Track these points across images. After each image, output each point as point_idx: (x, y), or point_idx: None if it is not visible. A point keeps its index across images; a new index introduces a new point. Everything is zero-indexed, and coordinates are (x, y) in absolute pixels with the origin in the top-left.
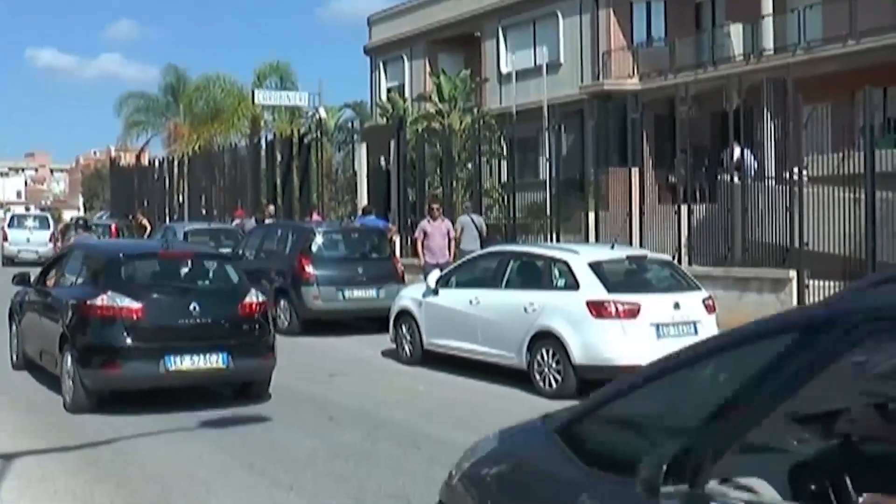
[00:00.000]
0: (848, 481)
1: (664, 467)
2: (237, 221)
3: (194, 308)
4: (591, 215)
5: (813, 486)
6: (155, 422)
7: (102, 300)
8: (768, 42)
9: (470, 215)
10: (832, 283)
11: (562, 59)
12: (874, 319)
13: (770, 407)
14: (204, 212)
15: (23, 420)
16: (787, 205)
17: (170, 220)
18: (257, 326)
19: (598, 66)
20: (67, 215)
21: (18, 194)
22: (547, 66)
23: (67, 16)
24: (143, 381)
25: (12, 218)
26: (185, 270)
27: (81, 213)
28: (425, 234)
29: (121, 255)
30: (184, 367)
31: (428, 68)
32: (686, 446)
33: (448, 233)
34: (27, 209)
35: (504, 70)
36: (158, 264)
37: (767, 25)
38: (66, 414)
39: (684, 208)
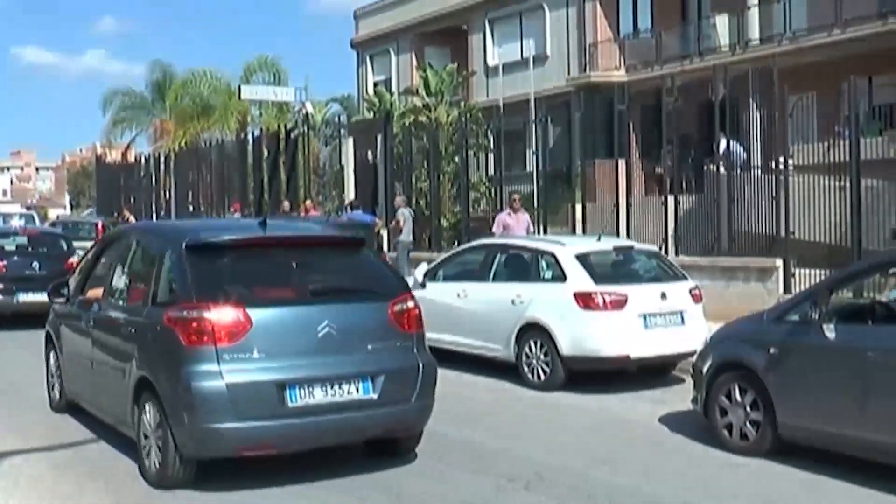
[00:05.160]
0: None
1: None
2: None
3: (36, 265)
4: (578, 207)
5: None
6: None
7: None
8: (754, 32)
9: (406, 208)
10: (819, 272)
11: (548, 52)
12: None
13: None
14: (191, 208)
15: (10, 419)
16: (773, 194)
17: (157, 217)
18: None
19: (585, 59)
20: (53, 213)
21: (4, 192)
22: (534, 58)
23: (52, 13)
24: (5, 308)
25: None
26: (33, 242)
27: (68, 211)
28: (505, 227)
29: None
30: (28, 300)
31: (415, 62)
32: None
33: (528, 226)
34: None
35: (491, 63)
36: (18, 239)
37: (753, 16)
38: (54, 413)
39: (671, 199)
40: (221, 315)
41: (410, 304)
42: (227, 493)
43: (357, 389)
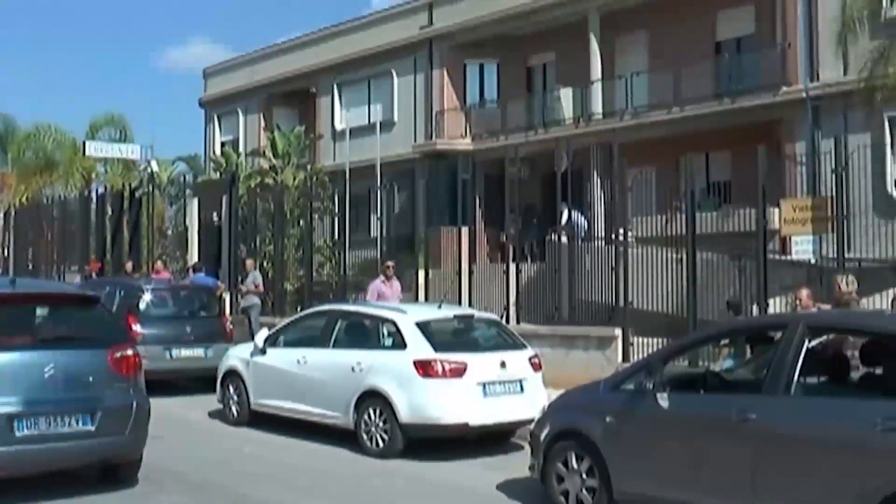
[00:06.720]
0: None
1: None
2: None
3: None
4: (422, 273)
5: None
6: None
7: None
8: (597, 107)
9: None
10: (656, 341)
11: (396, 118)
12: None
13: None
14: (31, 266)
15: None
16: (613, 264)
17: None
18: None
19: (432, 126)
20: None
21: None
22: (381, 124)
23: None
24: None
25: None
26: None
27: None
28: (380, 295)
29: None
30: None
31: (262, 123)
32: None
33: (399, 293)
34: None
35: (338, 127)
36: None
37: (596, 91)
38: None
39: (513, 267)
40: None
41: (129, 352)
42: None
43: (77, 422)
